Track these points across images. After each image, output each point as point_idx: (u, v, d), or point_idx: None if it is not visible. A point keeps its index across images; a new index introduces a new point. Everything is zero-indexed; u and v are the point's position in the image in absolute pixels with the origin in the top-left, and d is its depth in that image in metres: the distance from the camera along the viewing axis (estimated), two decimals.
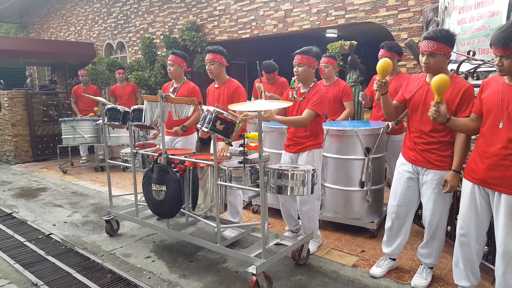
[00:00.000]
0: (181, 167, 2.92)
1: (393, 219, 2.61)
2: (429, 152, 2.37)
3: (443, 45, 2.21)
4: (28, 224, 3.94)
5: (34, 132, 7.26)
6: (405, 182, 2.50)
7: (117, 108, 3.33)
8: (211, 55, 3.26)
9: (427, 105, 2.31)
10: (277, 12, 6.15)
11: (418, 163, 2.42)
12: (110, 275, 2.82)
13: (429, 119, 2.29)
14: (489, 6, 3.21)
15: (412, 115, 2.45)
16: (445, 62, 2.30)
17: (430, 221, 2.45)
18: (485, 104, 2.05)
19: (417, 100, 2.39)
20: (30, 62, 11.14)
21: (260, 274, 2.41)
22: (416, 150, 2.43)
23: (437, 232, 2.48)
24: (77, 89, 6.83)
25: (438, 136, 2.33)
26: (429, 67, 2.28)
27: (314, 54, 2.82)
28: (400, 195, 2.53)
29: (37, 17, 11.45)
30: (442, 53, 2.22)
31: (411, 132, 2.47)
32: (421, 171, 2.43)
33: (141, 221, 3.32)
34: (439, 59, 2.24)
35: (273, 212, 3.82)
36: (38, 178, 6.04)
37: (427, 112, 2.30)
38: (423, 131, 2.37)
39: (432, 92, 2.24)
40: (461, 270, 2.22)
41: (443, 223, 2.47)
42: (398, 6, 4.91)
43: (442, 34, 2.22)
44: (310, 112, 2.75)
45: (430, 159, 2.36)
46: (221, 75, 3.35)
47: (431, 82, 2.10)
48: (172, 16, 7.74)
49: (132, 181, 3.38)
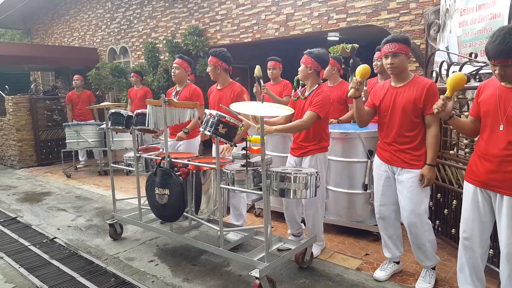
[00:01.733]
0: (184, 171, 2.93)
1: (378, 219, 2.68)
2: (403, 152, 2.45)
3: (403, 45, 2.36)
4: (32, 228, 3.96)
5: (39, 136, 7.31)
6: (384, 182, 2.57)
7: (120, 112, 3.35)
8: (210, 58, 3.37)
9: (395, 109, 2.44)
10: (279, 16, 6.18)
11: (393, 163, 2.50)
12: (114, 279, 2.83)
13: (399, 120, 2.42)
14: (491, 8, 3.22)
15: (383, 120, 2.54)
16: (407, 63, 2.43)
17: (409, 221, 2.45)
18: (482, 107, 2.06)
19: (386, 105, 2.49)
20: (35, 68, 11.24)
21: (263, 277, 2.41)
22: (389, 151, 2.52)
23: (425, 235, 2.45)
24: (71, 95, 6.83)
25: (410, 135, 2.42)
26: (395, 67, 2.41)
27: (314, 56, 2.82)
28: (381, 195, 2.61)
29: (41, 23, 11.56)
30: (404, 53, 2.37)
31: (383, 136, 2.57)
32: (396, 170, 2.50)
33: (144, 224, 3.33)
34: (402, 59, 2.38)
35: (276, 215, 3.82)
36: (42, 183, 6.07)
37: (396, 115, 2.44)
38: (395, 133, 2.46)
39: (399, 95, 2.41)
40: (466, 275, 2.19)
41: (427, 223, 2.47)
42: (400, 9, 4.92)
43: (401, 36, 2.42)
44: (311, 114, 2.75)
45: (404, 159, 2.44)
46: (220, 77, 3.37)
47: (448, 78, 2.12)
48: (175, 21, 7.79)
49: (135, 185, 3.39)
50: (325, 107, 2.78)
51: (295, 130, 2.82)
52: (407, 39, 2.40)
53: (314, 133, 2.84)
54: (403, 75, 2.45)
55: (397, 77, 2.46)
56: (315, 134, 2.85)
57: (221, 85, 3.43)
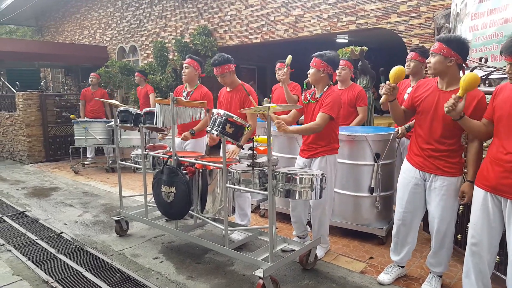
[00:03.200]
0: (190, 169, 2.95)
1: (399, 225, 2.59)
2: (437, 158, 2.34)
3: (445, 46, 2.23)
4: (40, 223, 4.02)
5: (47, 132, 7.40)
6: (412, 188, 2.47)
7: (129, 110, 3.39)
8: (219, 68, 3.30)
9: (438, 112, 2.29)
10: (288, 18, 6.19)
11: (425, 169, 2.40)
12: (119, 274, 2.85)
13: (439, 127, 2.31)
14: (502, 12, 3.19)
15: (421, 121, 2.41)
16: (449, 66, 2.25)
17: (438, 228, 2.42)
18: (497, 111, 2.04)
19: (428, 105, 2.36)
20: (45, 65, 11.38)
21: (267, 277, 2.41)
22: (423, 156, 2.40)
23: (445, 241, 2.45)
24: (86, 92, 6.97)
25: (447, 144, 2.31)
26: (430, 67, 2.35)
27: (326, 59, 2.81)
28: (406, 201, 2.51)
29: (52, 20, 11.71)
30: (442, 54, 2.23)
31: (418, 138, 2.44)
32: (428, 177, 2.40)
33: (150, 222, 3.36)
34: (439, 59, 2.25)
35: (281, 216, 3.82)
36: (50, 178, 6.15)
37: (437, 119, 2.31)
38: (432, 138, 2.34)
39: (443, 99, 2.26)
40: (472, 281, 2.16)
41: (451, 231, 2.44)
42: (410, 12, 4.90)
43: (449, 37, 2.29)
44: (323, 115, 2.73)
45: (438, 166, 2.34)
46: (232, 80, 3.41)
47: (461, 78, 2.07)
48: (184, 21, 7.84)
49: (142, 182, 3.42)
50: (336, 107, 2.77)
51: (308, 132, 2.81)
52: (450, 40, 2.24)
53: (324, 134, 2.83)
54: (450, 79, 2.28)
55: (443, 79, 2.31)
56: (326, 136, 2.84)
57: (232, 87, 3.45)
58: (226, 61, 3.31)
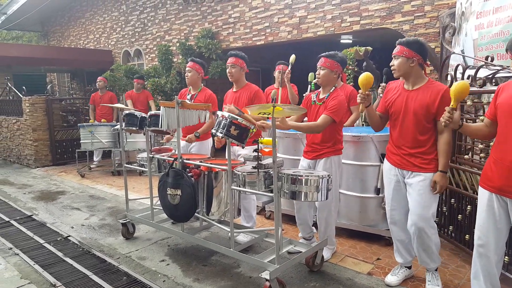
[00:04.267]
0: (196, 172, 2.95)
1: (390, 225, 2.66)
2: (413, 156, 2.42)
3: (406, 48, 2.36)
4: (47, 226, 4.05)
5: (54, 137, 7.47)
6: (394, 186, 2.55)
7: (134, 113, 3.40)
8: (233, 58, 3.37)
9: (408, 111, 2.40)
10: (292, 19, 6.19)
11: (403, 167, 2.48)
12: (126, 277, 2.86)
13: (411, 125, 2.39)
14: (508, 11, 3.16)
15: (394, 122, 2.51)
16: (411, 67, 2.36)
17: (416, 224, 2.42)
18: (500, 109, 2.01)
19: (398, 107, 2.46)
20: (51, 69, 11.49)
21: (273, 279, 2.40)
22: (399, 155, 2.49)
23: (431, 238, 2.43)
24: (95, 96, 7.03)
25: (422, 140, 2.38)
26: (394, 70, 2.43)
27: (339, 59, 2.82)
28: (391, 199, 2.59)
29: (58, 25, 11.83)
30: (404, 56, 2.36)
31: (393, 137, 2.53)
32: (406, 174, 2.48)
33: (156, 224, 3.37)
34: (402, 61, 2.37)
35: (287, 218, 3.81)
36: (57, 182, 6.20)
37: (408, 118, 2.41)
38: (406, 137, 2.43)
39: (411, 98, 2.37)
40: (481, 283, 2.14)
41: (433, 227, 2.44)
42: (414, 11, 4.87)
43: (408, 39, 2.40)
44: (326, 118, 2.73)
45: (415, 163, 2.41)
46: (240, 79, 3.42)
47: (451, 88, 2.08)
48: (188, 24, 7.87)
49: (148, 185, 3.43)
50: (341, 112, 2.76)
51: (307, 130, 2.81)
52: (410, 42, 2.37)
53: (329, 135, 2.83)
54: (414, 79, 2.41)
55: (408, 80, 2.44)
56: (330, 137, 2.83)
57: (238, 87, 3.45)
58: (242, 57, 3.40)
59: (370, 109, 2.50)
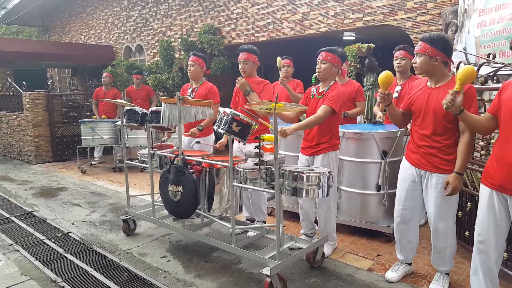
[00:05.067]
0: (197, 168, 2.95)
1: (398, 223, 2.61)
2: (433, 155, 2.36)
3: (429, 46, 2.25)
4: (47, 223, 4.05)
5: (55, 133, 7.45)
6: (409, 186, 2.49)
7: (135, 109, 3.40)
8: (245, 54, 3.35)
9: (428, 109, 2.34)
10: (294, 15, 6.16)
11: (421, 167, 2.41)
12: (127, 273, 2.87)
13: (431, 124, 2.33)
14: (510, 8, 3.14)
15: (415, 119, 2.46)
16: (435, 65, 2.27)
17: (435, 227, 2.41)
18: (503, 106, 2.00)
19: (419, 104, 2.41)
20: (51, 65, 11.47)
21: (274, 275, 2.41)
22: (419, 154, 2.42)
23: (447, 239, 2.43)
24: (98, 91, 6.99)
25: (441, 140, 2.33)
26: (416, 67, 2.38)
27: (339, 53, 2.84)
28: (404, 199, 2.53)
29: (58, 20, 11.79)
30: (427, 54, 2.26)
31: (414, 135, 2.48)
32: (424, 174, 2.42)
33: (157, 221, 3.37)
34: (424, 60, 2.28)
35: (288, 214, 3.81)
36: (58, 178, 6.20)
37: (428, 116, 2.35)
38: (426, 135, 2.37)
39: (433, 96, 2.31)
40: (480, 279, 2.15)
41: (450, 228, 2.42)
42: (417, 8, 4.85)
43: (432, 36, 2.28)
44: (326, 108, 2.73)
45: (434, 163, 2.35)
46: (253, 74, 3.43)
47: (457, 71, 2.07)
48: (190, 19, 7.84)
49: (149, 181, 3.43)
50: (339, 102, 2.78)
51: (310, 126, 2.81)
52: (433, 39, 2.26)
53: (326, 130, 2.84)
54: (438, 76, 2.32)
55: (432, 77, 2.35)
56: (327, 131, 2.84)
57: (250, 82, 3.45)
58: (254, 52, 3.39)
59: (392, 107, 2.47)
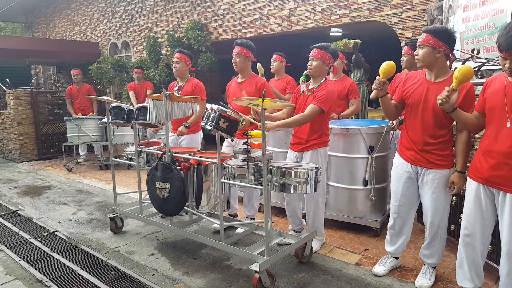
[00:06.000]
0: (185, 165, 2.93)
1: (395, 218, 2.61)
2: (429, 152, 2.34)
3: (432, 37, 2.21)
4: (33, 222, 3.98)
5: (40, 130, 7.32)
6: (405, 182, 2.48)
7: (121, 106, 3.35)
8: (238, 48, 3.31)
9: (428, 103, 2.29)
10: (281, 11, 6.15)
11: (417, 163, 2.40)
12: (114, 272, 2.84)
13: (430, 118, 2.30)
14: (494, 4, 3.19)
15: (411, 114, 2.40)
16: (437, 57, 2.23)
17: (432, 221, 2.44)
18: (488, 102, 2.03)
19: (417, 98, 2.35)
20: (36, 61, 11.21)
21: (263, 271, 2.42)
22: (414, 150, 2.39)
23: (439, 232, 2.47)
24: (71, 89, 6.83)
25: (438, 135, 2.31)
26: (418, 60, 2.31)
27: (331, 51, 2.81)
28: (400, 195, 2.53)
29: (42, 16, 11.53)
30: (430, 45, 2.22)
31: (409, 131, 2.43)
32: (420, 171, 2.41)
33: (145, 218, 3.34)
34: (427, 51, 2.23)
35: (276, 210, 3.83)
36: (43, 176, 6.09)
37: (427, 110, 2.30)
38: (423, 130, 2.34)
39: (432, 91, 2.27)
40: (465, 271, 2.19)
41: (444, 222, 2.46)
42: (403, 4, 4.89)
43: (436, 27, 2.26)
44: (314, 107, 2.73)
45: (430, 159, 2.34)
46: (246, 69, 3.39)
47: (456, 69, 2.07)
48: (177, 15, 7.76)
49: (136, 179, 3.40)
50: (329, 102, 2.77)
51: (296, 124, 2.80)
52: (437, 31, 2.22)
53: (316, 127, 2.83)
54: (438, 70, 2.27)
55: (432, 71, 2.30)
56: (317, 128, 2.84)
57: (243, 77, 3.42)
58: (248, 47, 3.32)
59: (385, 98, 2.40)
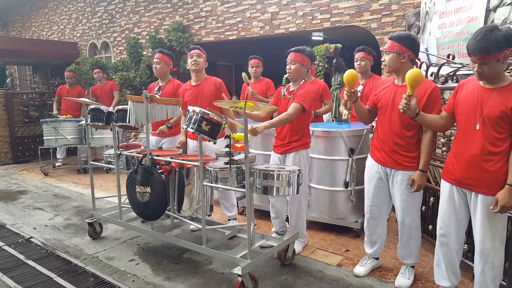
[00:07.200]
0: (166, 168, 2.89)
1: (368, 219, 2.68)
2: (397, 153, 2.41)
3: (397, 44, 2.33)
4: (7, 228, 3.83)
5: (14, 133, 7.07)
6: (376, 183, 2.56)
7: (100, 108, 3.28)
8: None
9: (395, 106, 2.38)
10: (264, 15, 6.18)
11: (386, 164, 2.47)
12: (93, 278, 2.77)
13: (397, 120, 2.39)
14: (468, 11, 3.31)
15: (381, 117, 2.50)
16: (402, 62, 2.34)
17: (402, 221, 2.50)
18: (460, 105, 2.10)
19: (385, 101, 2.45)
20: (11, 62, 10.83)
21: (245, 275, 2.41)
22: (384, 151, 2.47)
23: (412, 232, 2.52)
24: (61, 90, 6.69)
25: (406, 137, 2.39)
26: (385, 65, 2.43)
27: (308, 53, 2.87)
28: (372, 195, 2.59)
29: (18, 15, 11.17)
30: (395, 51, 2.33)
31: (379, 132, 2.52)
32: (390, 172, 2.48)
33: (125, 223, 3.27)
34: (393, 57, 2.35)
35: (259, 213, 3.82)
36: (18, 181, 5.88)
37: (395, 113, 2.39)
38: (392, 131, 2.42)
39: (400, 94, 2.34)
40: (443, 270, 2.25)
41: (416, 222, 2.52)
42: (382, 10, 5.01)
43: (400, 34, 2.37)
44: (296, 105, 2.76)
45: (398, 160, 2.42)
46: (201, 72, 3.39)
47: (405, 75, 2.14)
48: (158, 17, 7.68)
49: (115, 183, 3.33)
50: (309, 100, 2.82)
51: (280, 124, 2.82)
52: (401, 37, 2.34)
53: (297, 129, 2.86)
54: (404, 74, 2.30)
55: (399, 75, 2.40)
56: (298, 129, 2.87)
57: (196, 81, 3.42)
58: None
59: (358, 104, 2.49)
